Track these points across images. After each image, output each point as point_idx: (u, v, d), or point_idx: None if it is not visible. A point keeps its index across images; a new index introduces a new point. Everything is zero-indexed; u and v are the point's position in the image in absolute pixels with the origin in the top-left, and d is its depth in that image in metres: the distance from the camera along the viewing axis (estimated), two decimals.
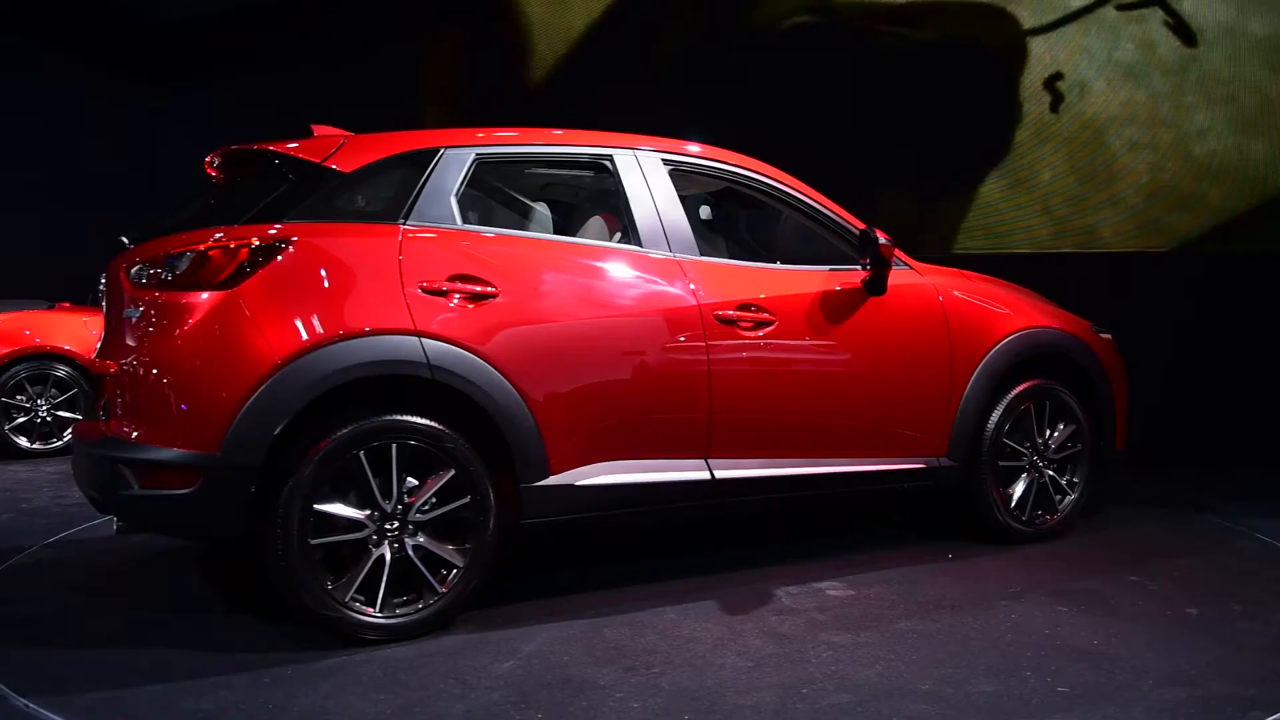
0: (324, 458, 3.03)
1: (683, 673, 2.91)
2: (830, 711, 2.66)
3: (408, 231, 3.26)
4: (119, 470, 3.04)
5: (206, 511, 3.01)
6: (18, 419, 6.84)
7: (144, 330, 3.11)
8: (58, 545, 4.50)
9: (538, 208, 3.95)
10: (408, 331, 3.13)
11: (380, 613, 3.12)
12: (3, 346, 6.78)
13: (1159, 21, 6.45)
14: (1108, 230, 6.71)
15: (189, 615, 3.51)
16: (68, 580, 3.98)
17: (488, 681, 2.84)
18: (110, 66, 11.57)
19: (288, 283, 3.06)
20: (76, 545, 4.51)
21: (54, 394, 6.94)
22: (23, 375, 6.84)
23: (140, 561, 4.18)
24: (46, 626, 3.43)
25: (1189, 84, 6.44)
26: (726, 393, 3.62)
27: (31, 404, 6.89)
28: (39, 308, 7.30)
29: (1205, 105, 6.40)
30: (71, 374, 6.93)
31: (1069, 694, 2.76)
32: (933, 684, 2.83)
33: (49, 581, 3.96)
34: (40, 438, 6.90)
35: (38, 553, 4.37)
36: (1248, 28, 6.22)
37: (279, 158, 3.36)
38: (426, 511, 3.17)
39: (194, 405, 3.00)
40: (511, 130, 3.64)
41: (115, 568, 4.14)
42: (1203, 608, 3.48)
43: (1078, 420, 4.40)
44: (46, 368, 6.91)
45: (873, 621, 3.35)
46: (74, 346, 6.90)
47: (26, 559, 4.26)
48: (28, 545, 4.46)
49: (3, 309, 7.17)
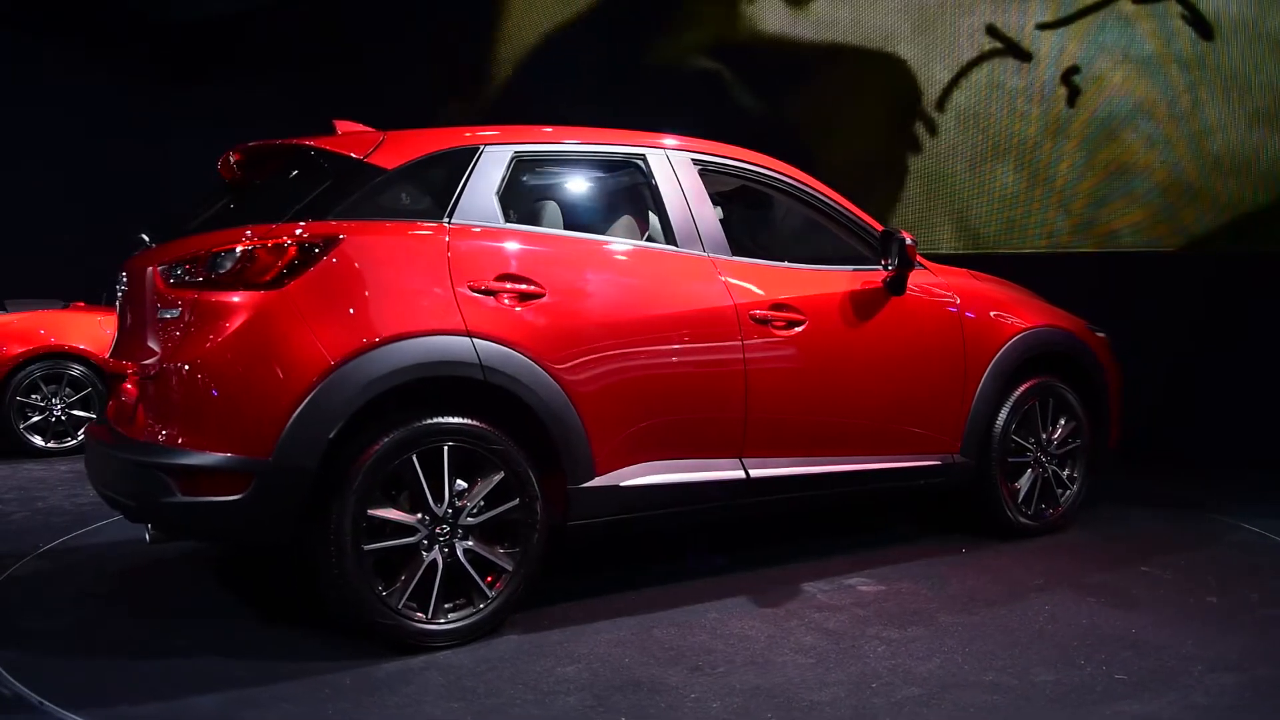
0: (377, 461, 2.96)
1: (748, 671, 2.92)
2: (907, 705, 2.69)
3: (453, 230, 3.20)
4: (158, 477, 2.93)
5: (257, 518, 2.92)
6: (32, 418, 6.90)
7: (184, 331, 3.00)
8: (73, 544, 4.49)
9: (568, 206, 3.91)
10: (459, 332, 3.08)
11: (432, 619, 3.06)
12: (18, 346, 6.85)
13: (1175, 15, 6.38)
14: (1121, 224, 6.67)
15: (218, 620, 3.43)
16: (87, 581, 3.92)
17: (558, 686, 2.81)
18: (125, 66, 11.66)
19: (337, 282, 2.98)
20: (92, 544, 4.49)
21: (68, 393, 6.99)
22: (37, 374, 6.90)
23: (155, 562, 4.12)
24: (71, 631, 3.36)
25: (1205, 78, 6.32)
26: (761, 392, 3.64)
27: (46, 403, 6.94)
28: (53, 307, 7.39)
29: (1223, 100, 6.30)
30: (86, 373, 6.98)
31: (1128, 681, 2.84)
32: (995, 675, 2.88)
33: (68, 583, 3.89)
34: (54, 436, 6.95)
35: (54, 551, 4.34)
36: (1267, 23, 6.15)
37: (319, 153, 3.27)
38: (476, 515, 3.12)
39: (244, 408, 2.90)
40: (547, 128, 3.60)
41: (132, 568, 4.11)
42: (1221, 597, 3.60)
43: (1078, 417, 4.53)
44: (61, 367, 6.96)
45: (913, 616, 3.40)
46: (88, 346, 6.95)
47: (43, 557, 4.24)
48: (43, 544, 4.43)
49: (18, 308, 7.27)
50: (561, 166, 3.81)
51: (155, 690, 2.82)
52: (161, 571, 4.04)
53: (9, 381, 6.81)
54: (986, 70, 7.16)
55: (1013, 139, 7.07)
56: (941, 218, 7.35)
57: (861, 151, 7.78)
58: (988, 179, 7.20)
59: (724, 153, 3.91)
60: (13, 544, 4.45)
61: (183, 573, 4.01)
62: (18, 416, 6.85)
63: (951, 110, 7.33)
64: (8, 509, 5.22)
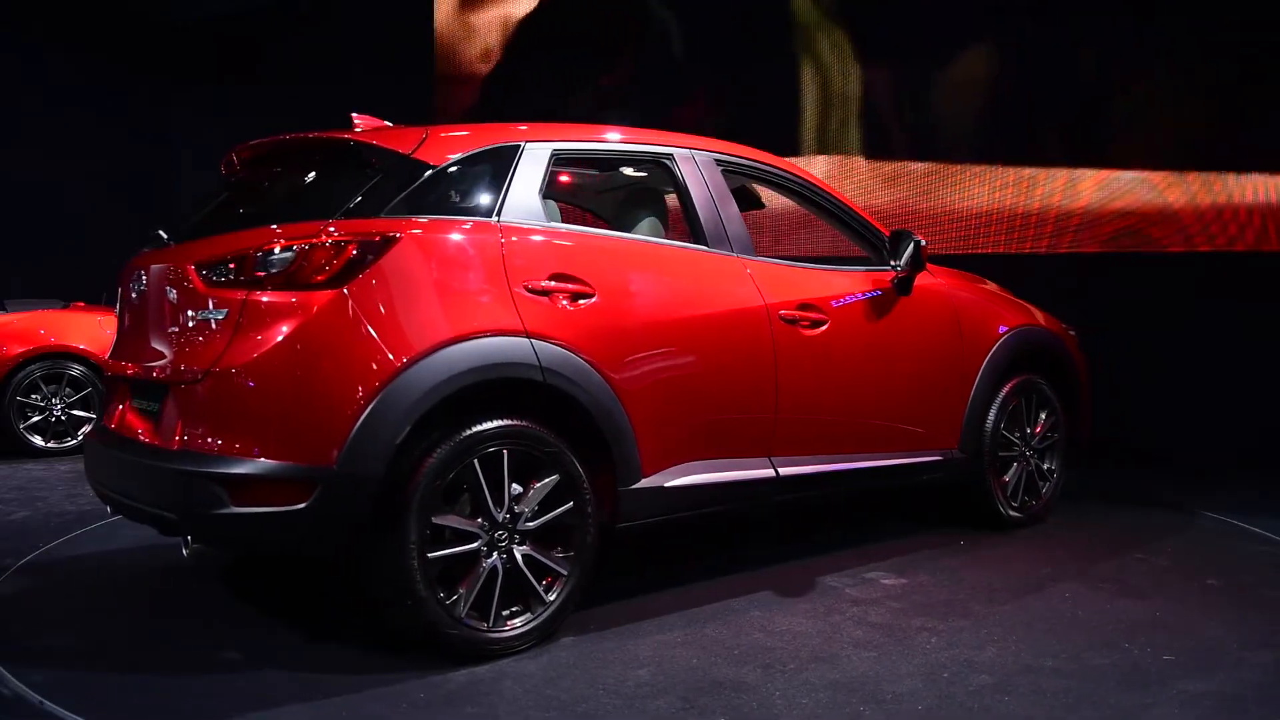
0: (441, 466, 2.88)
1: (819, 667, 2.94)
2: (985, 692, 2.77)
3: (504, 228, 3.14)
4: (208, 487, 2.77)
5: (320, 528, 2.79)
6: (32, 418, 6.88)
7: (233, 333, 2.84)
8: (73, 543, 4.47)
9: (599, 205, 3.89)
10: (518, 333, 3.02)
11: (494, 627, 2.99)
12: (17, 346, 6.84)
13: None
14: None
15: (226, 625, 3.38)
16: (87, 581, 3.91)
17: (639, 690, 2.78)
18: (126, 66, 11.69)
19: (397, 281, 2.88)
20: (92, 543, 4.48)
21: (68, 393, 6.98)
22: (37, 374, 6.88)
23: (156, 562, 4.11)
24: (72, 631, 3.36)
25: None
26: (789, 392, 3.68)
27: (46, 403, 6.93)
28: (53, 307, 7.38)
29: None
30: (85, 373, 6.98)
31: (1176, 661, 2.98)
32: (1053, 661, 2.99)
33: (68, 583, 3.89)
34: (54, 437, 6.94)
35: (54, 551, 4.33)
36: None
37: (364, 148, 3.15)
38: (534, 518, 3.07)
39: (306, 414, 2.77)
40: (580, 127, 3.56)
41: (134, 569, 4.06)
42: (1220, 580, 3.81)
43: (1056, 411, 4.74)
44: (61, 367, 6.94)
45: (948, 607, 3.49)
46: (88, 346, 6.95)
47: (43, 557, 4.22)
48: (43, 544, 4.41)
49: (17, 308, 7.27)
50: (595, 165, 3.77)
51: (161, 692, 2.79)
52: (162, 572, 4.02)
53: (9, 381, 6.78)
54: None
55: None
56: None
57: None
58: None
59: (740, 152, 3.94)
60: (13, 544, 4.41)
61: (184, 574, 3.93)
62: (18, 416, 6.82)
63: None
64: (8, 509, 5.20)
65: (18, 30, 10.68)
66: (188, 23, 11.62)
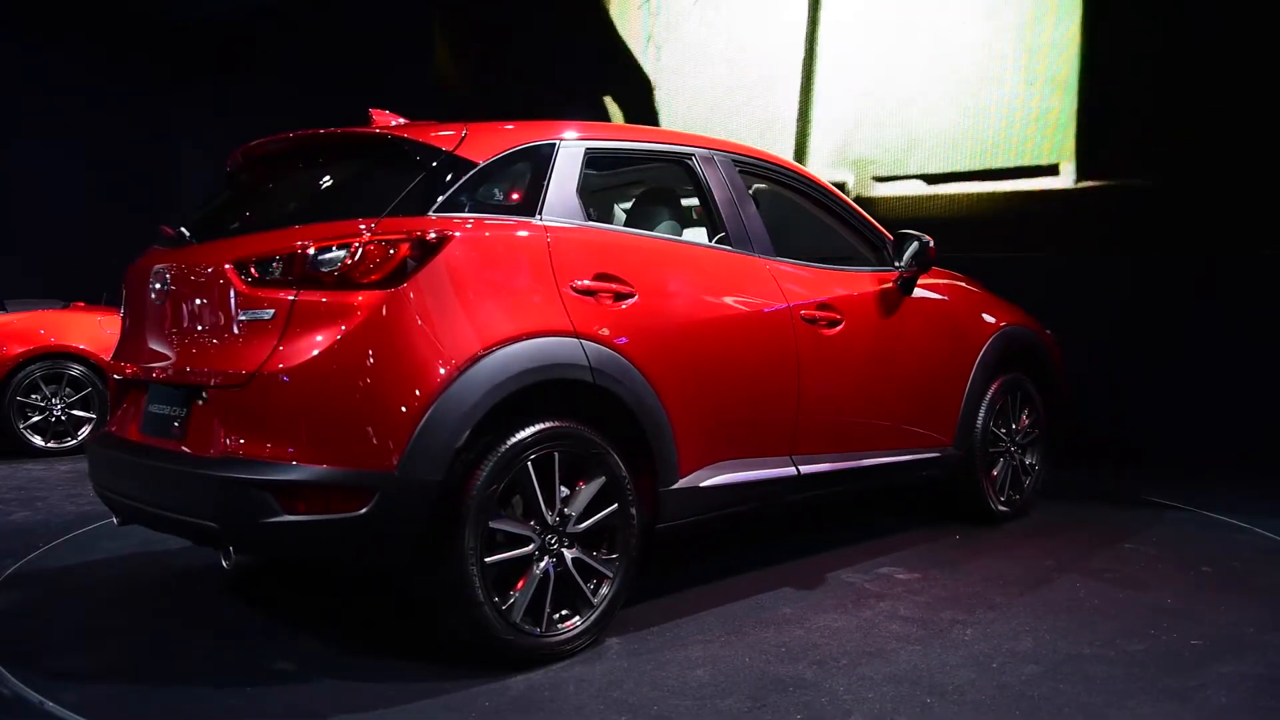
0: (498, 469, 2.82)
1: (871, 662, 2.98)
2: (1038, 680, 2.84)
3: (549, 228, 3.09)
4: (256, 495, 2.66)
5: (378, 535, 2.71)
6: (32, 418, 6.87)
7: (282, 335, 2.73)
8: (73, 543, 4.45)
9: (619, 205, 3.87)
10: (568, 333, 2.98)
11: (547, 632, 2.95)
12: (18, 346, 6.82)
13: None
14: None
15: (223, 628, 3.36)
16: (88, 581, 3.88)
17: (704, 690, 2.77)
18: (126, 66, 11.64)
19: (451, 280, 2.82)
20: (93, 543, 4.44)
21: (68, 393, 6.96)
22: (37, 374, 6.86)
23: (157, 563, 4.09)
24: (72, 631, 3.31)
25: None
26: (809, 391, 3.72)
27: (46, 403, 6.91)
28: (53, 307, 7.37)
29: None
30: (85, 373, 6.95)
31: (1204, 646, 3.11)
32: (1090, 648, 3.08)
33: (68, 583, 3.86)
34: (54, 436, 6.93)
35: (54, 551, 4.32)
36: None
37: (406, 144, 3.06)
38: (582, 521, 3.03)
39: (364, 418, 2.68)
40: (606, 126, 3.54)
41: (135, 570, 4.03)
42: (1211, 568, 3.99)
43: (1038, 408, 4.89)
44: (61, 367, 6.92)
45: (970, 599, 3.56)
46: (88, 346, 6.94)
47: (43, 557, 4.21)
48: (43, 544, 4.40)
49: (18, 308, 7.25)
50: (622, 164, 3.75)
51: (164, 694, 2.77)
52: (165, 573, 3.96)
53: (9, 381, 6.76)
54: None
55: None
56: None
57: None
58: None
59: (750, 153, 3.96)
60: (13, 544, 4.40)
61: (188, 577, 3.89)
62: (18, 416, 6.80)
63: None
64: (8, 509, 5.20)
65: (18, 30, 10.67)
66: (188, 23, 11.57)
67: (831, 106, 7.79)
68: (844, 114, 7.73)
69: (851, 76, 7.71)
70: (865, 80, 7.62)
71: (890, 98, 7.49)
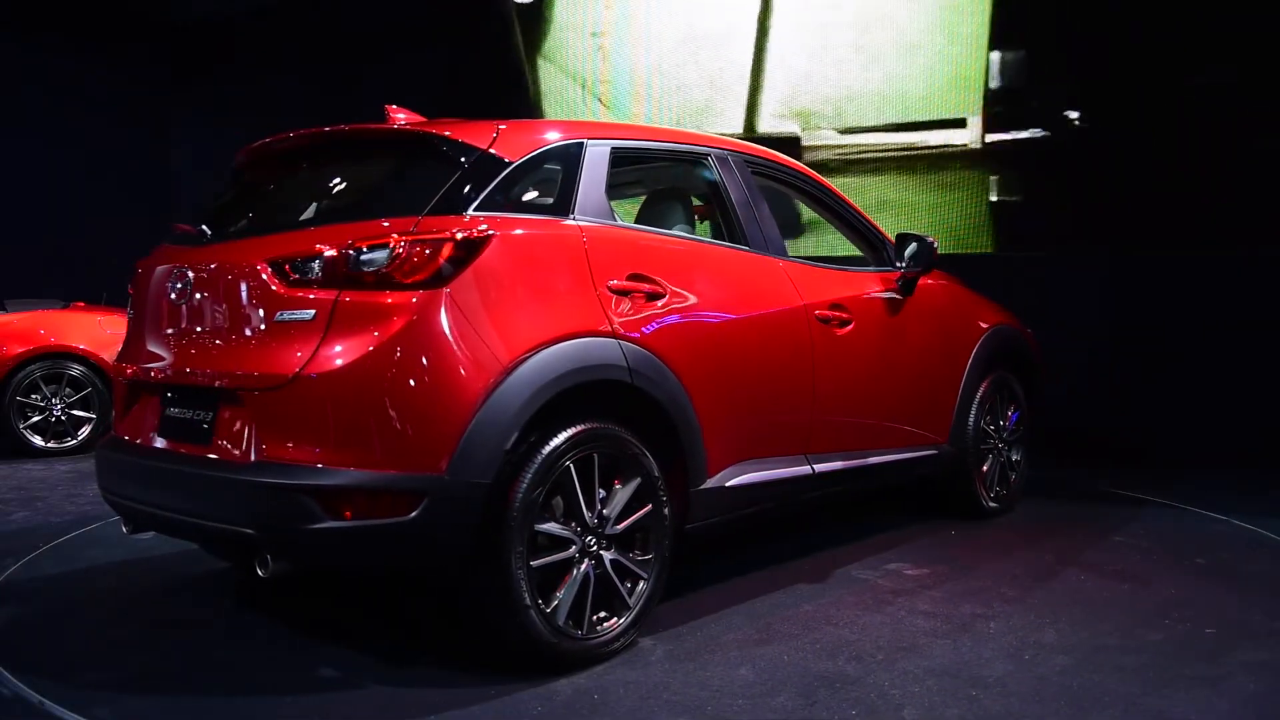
0: (543, 472, 2.79)
1: (909, 657, 3.02)
2: (1072, 671, 2.90)
3: (583, 227, 3.07)
4: (298, 500, 2.60)
5: (428, 540, 2.66)
6: (32, 418, 6.86)
7: (318, 335, 2.67)
8: (73, 543, 4.45)
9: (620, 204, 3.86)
10: (606, 334, 2.97)
11: (588, 634, 2.93)
12: (18, 346, 6.82)
13: None
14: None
15: (221, 628, 3.34)
16: (87, 581, 3.88)
17: (752, 689, 2.78)
18: (126, 66, 11.59)
19: (495, 280, 2.78)
20: (93, 543, 4.43)
21: (68, 393, 6.95)
22: (37, 374, 6.86)
23: (158, 563, 4.07)
24: (72, 631, 3.29)
25: None
26: (824, 390, 3.76)
27: (46, 403, 6.91)
28: (53, 307, 7.35)
29: None
30: (85, 373, 6.94)
31: (1219, 635, 3.20)
32: (1112, 639, 3.16)
33: (68, 583, 3.86)
34: (54, 436, 6.93)
35: (54, 551, 4.31)
36: None
37: (442, 141, 3.00)
38: (620, 522, 3.02)
39: (412, 420, 2.63)
40: (625, 126, 3.54)
41: (135, 570, 4.00)
42: (1205, 559, 4.11)
43: (1022, 405, 5.01)
44: (61, 367, 6.92)
45: (984, 594, 3.63)
46: (88, 346, 6.94)
47: (43, 557, 4.21)
48: (43, 544, 4.40)
49: (18, 308, 7.22)
50: (644, 164, 3.74)
51: (169, 696, 2.76)
52: (166, 575, 3.92)
53: (9, 381, 6.76)
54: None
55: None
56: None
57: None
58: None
59: (760, 154, 3.99)
60: (13, 544, 4.41)
61: (191, 579, 3.87)
62: (18, 416, 6.81)
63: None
64: (8, 509, 5.20)
65: (18, 29, 10.49)
66: (188, 23, 11.41)
67: (783, 60, 7.98)
68: (794, 68, 7.93)
69: (805, 34, 7.90)
70: (816, 37, 7.83)
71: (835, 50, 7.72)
